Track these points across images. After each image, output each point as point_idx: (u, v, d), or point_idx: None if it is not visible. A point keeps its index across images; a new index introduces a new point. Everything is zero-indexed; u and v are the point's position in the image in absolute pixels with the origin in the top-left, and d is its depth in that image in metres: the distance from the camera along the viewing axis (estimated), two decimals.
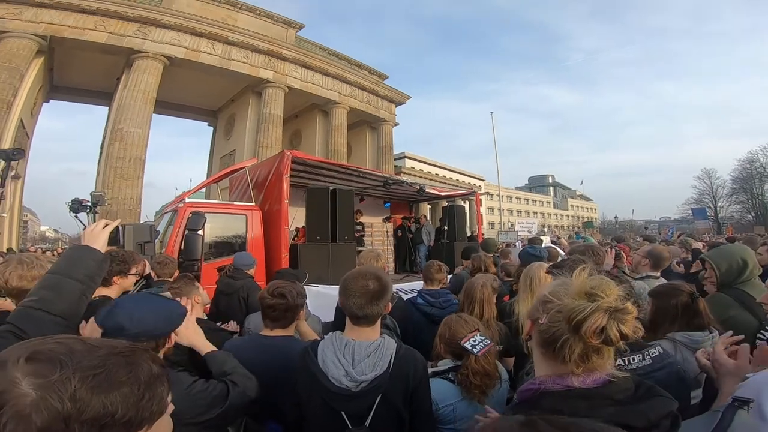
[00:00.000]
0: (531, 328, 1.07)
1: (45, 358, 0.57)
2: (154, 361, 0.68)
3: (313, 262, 6.10)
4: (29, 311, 1.27)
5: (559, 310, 0.96)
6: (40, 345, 0.60)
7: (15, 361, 0.56)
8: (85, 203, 6.10)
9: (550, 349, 0.98)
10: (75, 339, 0.64)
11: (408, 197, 11.43)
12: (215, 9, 20.57)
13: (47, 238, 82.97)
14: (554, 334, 0.96)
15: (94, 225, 1.58)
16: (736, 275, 2.33)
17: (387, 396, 1.50)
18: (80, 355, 0.59)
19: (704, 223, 37.77)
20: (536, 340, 1.04)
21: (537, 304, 1.07)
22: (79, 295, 1.38)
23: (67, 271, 1.39)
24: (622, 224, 66.10)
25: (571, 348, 0.94)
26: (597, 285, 0.97)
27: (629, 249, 5.21)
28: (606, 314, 0.91)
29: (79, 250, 1.49)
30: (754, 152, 44.23)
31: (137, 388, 0.61)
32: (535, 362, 1.08)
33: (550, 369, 1.00)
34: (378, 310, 1.60)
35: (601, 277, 1.02)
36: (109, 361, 0.61)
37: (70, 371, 0.56)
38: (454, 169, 41.28)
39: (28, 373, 0.54)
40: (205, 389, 1.48)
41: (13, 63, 15.50)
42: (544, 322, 0.99)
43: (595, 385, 0.95)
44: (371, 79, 26.86)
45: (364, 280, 1.61)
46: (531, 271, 2.78)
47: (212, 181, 8.78)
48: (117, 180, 16.52)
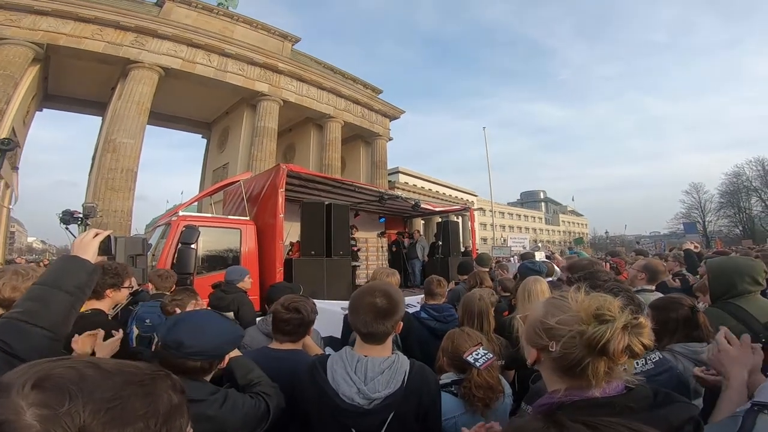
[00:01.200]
0: (538, 356, 1.04)
1: (53, 386, 0.52)
2: (174, 389, 0.63)
3: (308, 277, 6.07)
4: (13, 323, 1.20)
5: (574, 337, 0.96)
6: (50, 369, 0.55)
7: (21, 386, 0.51)
8: (76, 215, 6.02)
9: (569, 373, 0.97)
10: (88, 363, 0.58)
11: (402, 212, 11.48)
12: (212, 20, 20.77)
13: (34, 249, 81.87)
14: (573, 359, 0.95)
15: (84, 234, 1.51)
16: (728, 288, 2.32)
17: (400, 413, 1.47)
18: (93, 383, 0.54)
19: (695, 237, 38.01)
20: (550, 367, 1.02)
21: (536, 330, 1.04)
22: (68, 307, 1.31)
23: (55, 282, 1.32)
24: (613, 239, 66.64)
25: (596, 368, 0.94)
26: (601, 305, 0.98)
27: (624, 263, 5.23)
28: (625, 332, 0.93)
29: (68, 260, 1.42)
30: (740, 166, 45.13)
31: (154, 422, 0.56)
32: (546, 380, 1.06)
33: (568, 385, 0.99)
34: (385, 329, 1.54)
35: (599, 295, 1.03)
36: (124, 392, 0.55)
37: (80, 403, 0.51)
38: (447, 185, 41.58)
39: (34, 402, 0.50)
40: (253, 406, 1.47)
41: (8, 70, 15.42)
42: (556, 349, 0.98)
43: (614, 393, 0.96)
44: (366, 93, 27.11)
45: (372, 297, 1.56)
46: (528, 285, 2.78)
47: (207, 194, 8.74)
48: (108, 192, 16.36)
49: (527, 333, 1.09)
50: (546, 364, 1.03)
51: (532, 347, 1.05)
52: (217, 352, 1.44)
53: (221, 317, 1.62)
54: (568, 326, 0.97)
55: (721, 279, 2.33)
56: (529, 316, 1.11)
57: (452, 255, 9.24)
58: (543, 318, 1.04)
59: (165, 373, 0.65)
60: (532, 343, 1.06)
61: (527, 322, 1.11)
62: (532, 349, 1.06)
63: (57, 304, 1.28)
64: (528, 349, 1.08)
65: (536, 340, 1.04)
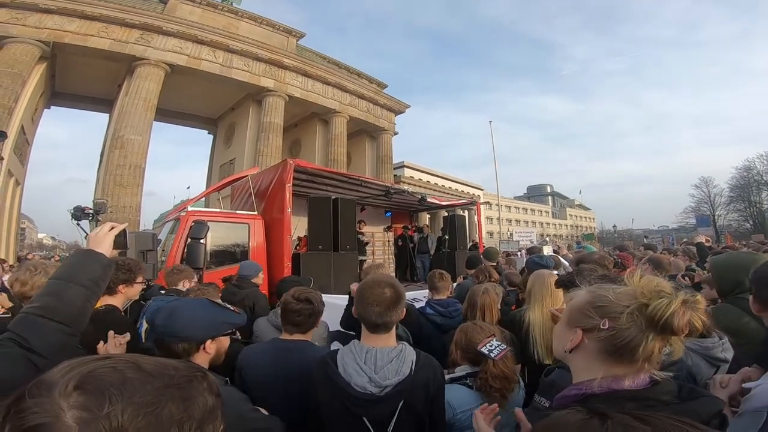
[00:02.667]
0: (582, 340, 0.99)
1: (95, 389, 0.52)
2: (210, 390, 0.62)
3: (316, 271, 6.09)
4: (30, 318, 1.20)
5: (633, 312, 0.93)
6: (93, 368, 0.55)
7: (64, 387, 0.51)
8: (87, 211, 6.07)
9: (617, 353, 0.94)
10: (131, 364, 0.58)
11: (409, 207, 11.45)
12: (217, 17, 20.77)
13: (45, 245, 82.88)
14: (626, 337, 0.93)
15: (100, 228, 1.50)
16: (735, 284, 2.30)
17: (409, 401, 1.51)
18: (133, 387, 0.54)
19: (707, 231, 37.21)
20: (594, 350, 0.98)
21: (585, 311, 1.00)
22: (83, 301, 1.30)
23: (70, 276, 1.32)
24: (621, 233, 66.16)
25: (650, 348, 0.92)
26: (660, 283, 0.97)
27: (632, 258, 5.18)
28: (686, 306, 0.91)
29: (84, 254, 1.41)
30: (751, 160, 44.37)
31: (189, 427, 0.56)
32: (579, 369, 1.02)
33: (606, 373, 0.95)
34: (396, 317, 1.63)
35: (653, 277, 1.01)
36: (163, 396, 0.55)
37: (119, 407, 0.51)
38: (452, 179, 41.39)
39: (75, 405, 0.50)
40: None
41: (16, 69, 15.55)
42: (609, 326, 0.94)
43: (643, 386, 0.94)
44: (371, 88, 27.03)
45: (380, 288, 1.63)
46: (540, 278, 2.77)
47: (215, 189, 8.77)
48: (116, 188, 16.50)
49: (570, 317, 1.04)
50: (589, 348, 0.98)
51: (579, 328, 0.99)
52: (182, 334, 1.46)
53: (211, 305, 1.63)
54: (628, 301, 0.95)
55: (727, 276, 2.31)
56: (573, 302, 1.05)
57: (459, 249, 9.23)
58: (595, 298, 1.01)
59: (202, 373, 0.64)
60: (577, 324, 1.00)
61: (570, 307, 1.06)
62: (576, 331, 1.00)
63: (72, 298, 1.28)
64: (567, 334, 1.03)
65: (583, 321, 0.99)
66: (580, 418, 0.53)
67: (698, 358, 1.82)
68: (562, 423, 0.54)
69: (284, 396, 1.85)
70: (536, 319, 2.56)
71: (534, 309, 2.65)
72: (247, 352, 2.09)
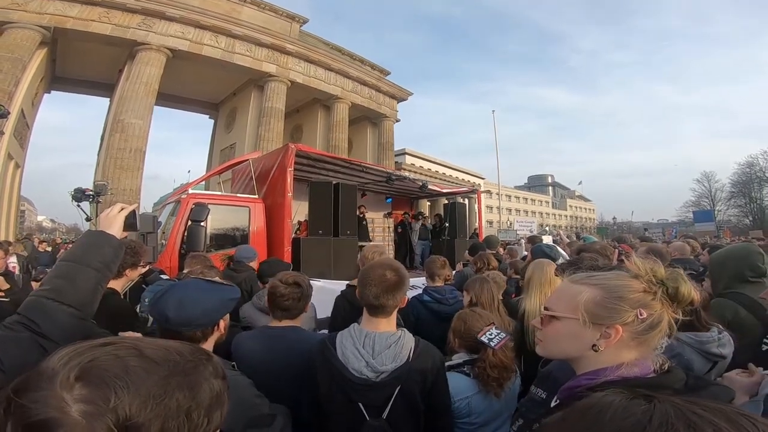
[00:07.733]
0: (619, 335, 0.91)
1: (98, 380, 0.50)
2: (216, 374, 0.61)
3: (315, 256, 6.12)
4: (41, 301, 1.16)
5: (656, 293, 0.94)
6: (94, 357, 0.53)
7: (65, 378, 0.49)
8: (87, 192, 6.06)
9: (644, 338, 0.93)
10: (132, 351, 0.55)
11: (409, 193, 11.44)
12: (220, 2, 20.42)
13: (44, 227, 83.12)
14: (656, 318, 0.92)
15: (110, 209, 1.45)
16: (731, 278, 2.31)
17: (405, 388, 1.50)
18: (139, 376, 0.52)
19: (708, 226, 36.52)
20: (629, 337, 0.92)
21: (607, 306, 0.93)
22: (94, 283, 1.27)
23: (81, 259, 1.28)
24: (621, 225, 66.18)
25: (662, 326, 0.93)
26: (653, 261, 0.99)
27: (632, 249, 5.19)
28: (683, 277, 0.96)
29: (95, 235, 1.37)
30: (754, 156, 44.15)
31: (197, 415, 0.55)
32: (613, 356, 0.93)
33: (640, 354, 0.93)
34: (394, 302, 1.61)
35: (646, 259, 1.01)
36: (170, 385, 0.54)
37: (126, 399, 0.49)
38: (453, 167, 41.22)
39: (79, 398, 0.48)
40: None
41: (17, 54, 15.37)
42: (647, 314, 0.91)
43: (652, 374, 0.91)
44: (373, 74, 26.80)
45: (382, 270, 1.62)
46: (540, 267, 2.77)
47: (217, 173, 8.75)
48: (117, 171, 16.45)
49: (590, 315, 0.94)
50: (623, 338, 0.92)
51: (615, 324, 0.91)
52: (202, 321, 1.39)
53: (208, 284, 1.54)
54: (648, 285, 0.94)
55: (723, 269, 2.35)
56: (586, 300, 0.95)
57: (458, 237, 9.24)
58: (613, 289, 0.95)
59: (207, 357, 0.63)
60: (604, 321, 0.92)
61: (585, 306, 0.95)
62: (600, 328, 0.92)
63: (83, 281, 1.25)
64: (587, 333, 0.93)
65: (615, 316, 0.92)
66: (624, 398, 0.52)
67: (692, 352, 1.81)
68: (605, 403, 0.52)
69: (278, 385, 1.76)
70: (533, 308, 2.55)
71: (531, 298, 2.65)
72: (238, 342, 1.99)
